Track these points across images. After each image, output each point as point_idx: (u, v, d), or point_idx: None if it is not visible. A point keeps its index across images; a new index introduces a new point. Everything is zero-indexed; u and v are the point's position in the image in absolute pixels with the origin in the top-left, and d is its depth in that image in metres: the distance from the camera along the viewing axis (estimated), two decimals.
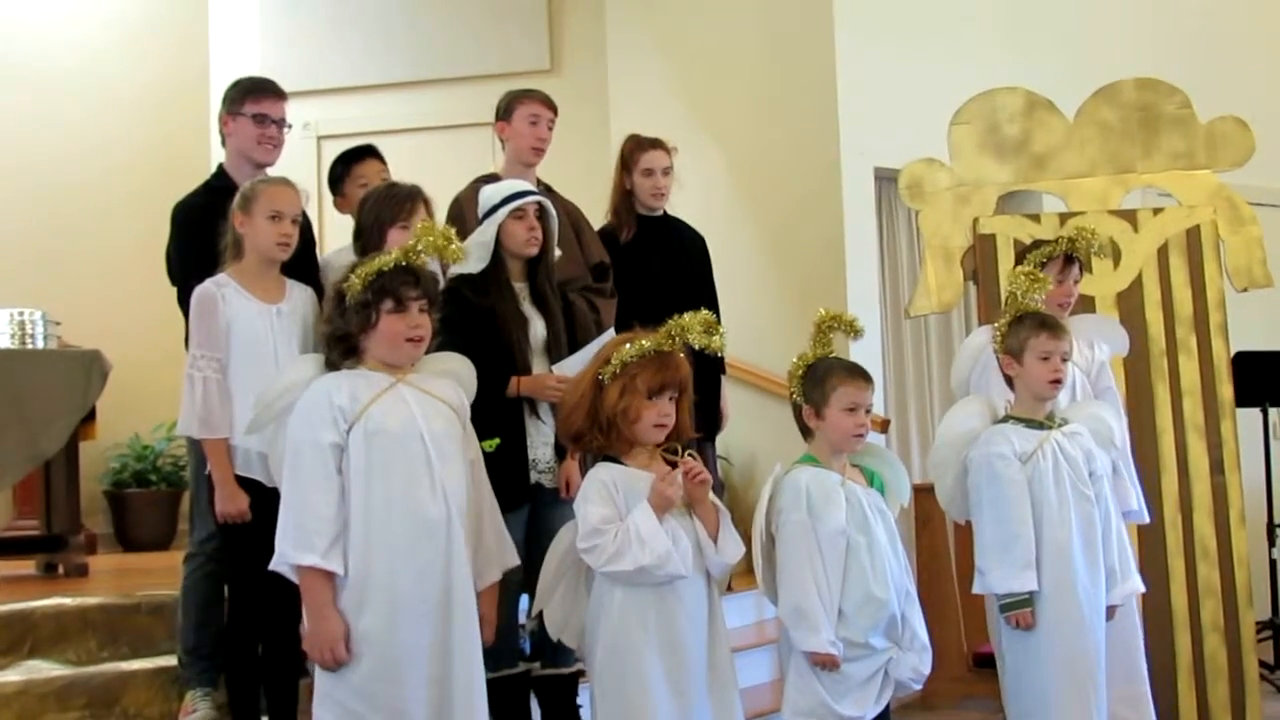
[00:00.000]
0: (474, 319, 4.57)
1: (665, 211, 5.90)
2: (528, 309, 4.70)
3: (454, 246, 3.71)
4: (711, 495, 3.82)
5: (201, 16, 9.09)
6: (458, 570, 3.58)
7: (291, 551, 3.48)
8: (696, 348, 3.79)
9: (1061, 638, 4.35)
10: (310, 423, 3.55)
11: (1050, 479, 4.40)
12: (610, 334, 4.65)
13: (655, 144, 5.79)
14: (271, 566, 3.54)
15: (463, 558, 3.61)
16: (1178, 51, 8.00)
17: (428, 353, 3.77)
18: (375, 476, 3.52)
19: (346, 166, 5.37)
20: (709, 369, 5.42)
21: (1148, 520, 5.13)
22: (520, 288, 4.71)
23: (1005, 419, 4.53)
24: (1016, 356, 4.50)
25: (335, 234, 5.24)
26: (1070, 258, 5.12)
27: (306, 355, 3.91)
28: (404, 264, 3.63)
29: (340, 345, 3.66)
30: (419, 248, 3.64)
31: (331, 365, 3.68)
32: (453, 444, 3.67)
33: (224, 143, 4.89)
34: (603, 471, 3.74)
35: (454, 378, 3.84)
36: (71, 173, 8.91)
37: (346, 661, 3.47)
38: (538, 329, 4.69)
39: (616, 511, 3.67)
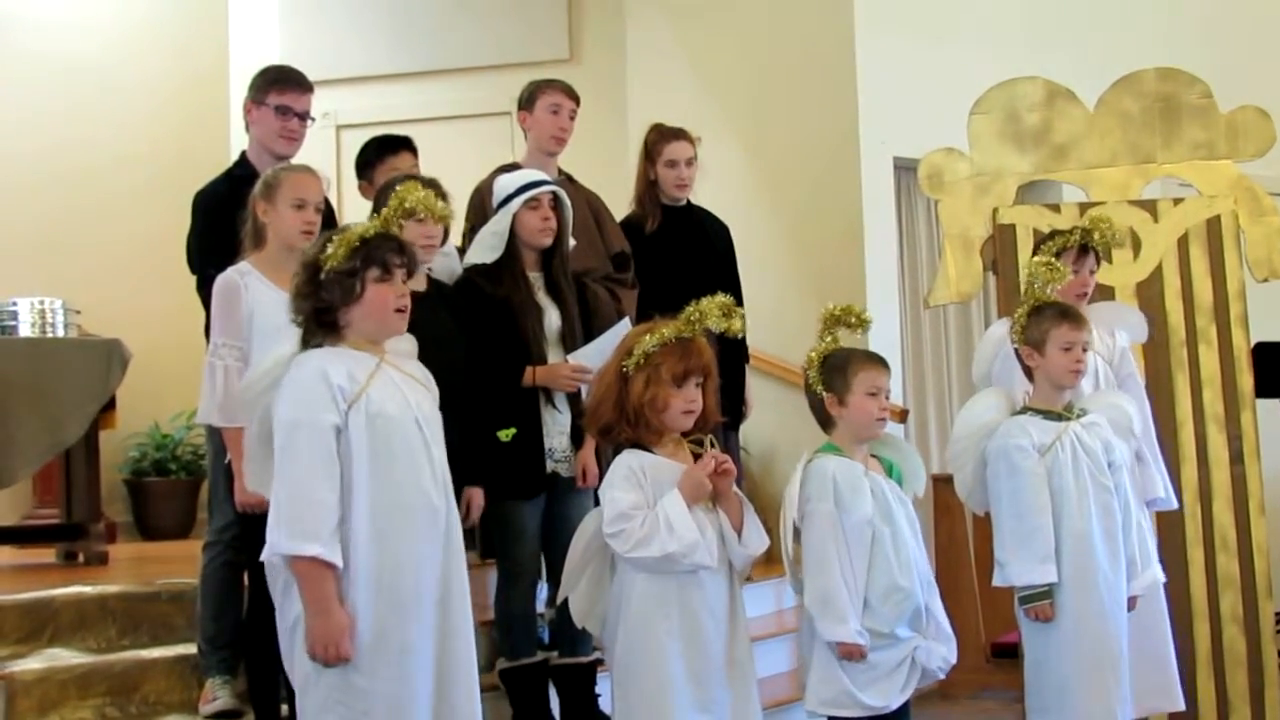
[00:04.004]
0: (488, 309, 4.58)
1: (689, 201, 5.89)
2: (542, 299, 4.71)
3: (443, 205, 3.67)
4: (734, 487, 3.83)
5: (221, 5, 9.10)
6: (455, 559, 3.48)
7: (288, 542, 3.26)
8: (716, 331, 3.80)
9: (1083, 628, 4.34)
10: (306, 402, 3.33)
11: (1069, 470, 4.39)
12: (626, 323, 4.66)
13: (678, 134, 5.74)
14: (264, 558, 3.35)
15: (457, 547, 3.51)
16: (1199, 41, 7.97)
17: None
18: (379, 462, 3.35)
19: (380, 155, 5.37)
20: (733, 358, 5.42)
21: (1175, 506, 5.12)
22: (535, 278, 4.72)
23: (1023, 410, 4.53)
24: (1038, 347, 4.48)
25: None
26: (1085, 248, 5.10)
27: (291, 331, 3.56)
28: (385, 232, 3.46)
29: (319, 322, 3.44)
30: (409, 203, 3.48)
31: (311, 344, 3.46)
32: (439, 427, 3.53)
33: (248, 129, 4.89)
34: (631, 458, 3.73)
35: (414, 359, 3.65)
36: (91, 161, 8.91)
37: (349, 659, 3.29)
38: (552, 319, 4.70)
39: (644, 498, 3.67)
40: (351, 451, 3.34)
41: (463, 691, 3.46)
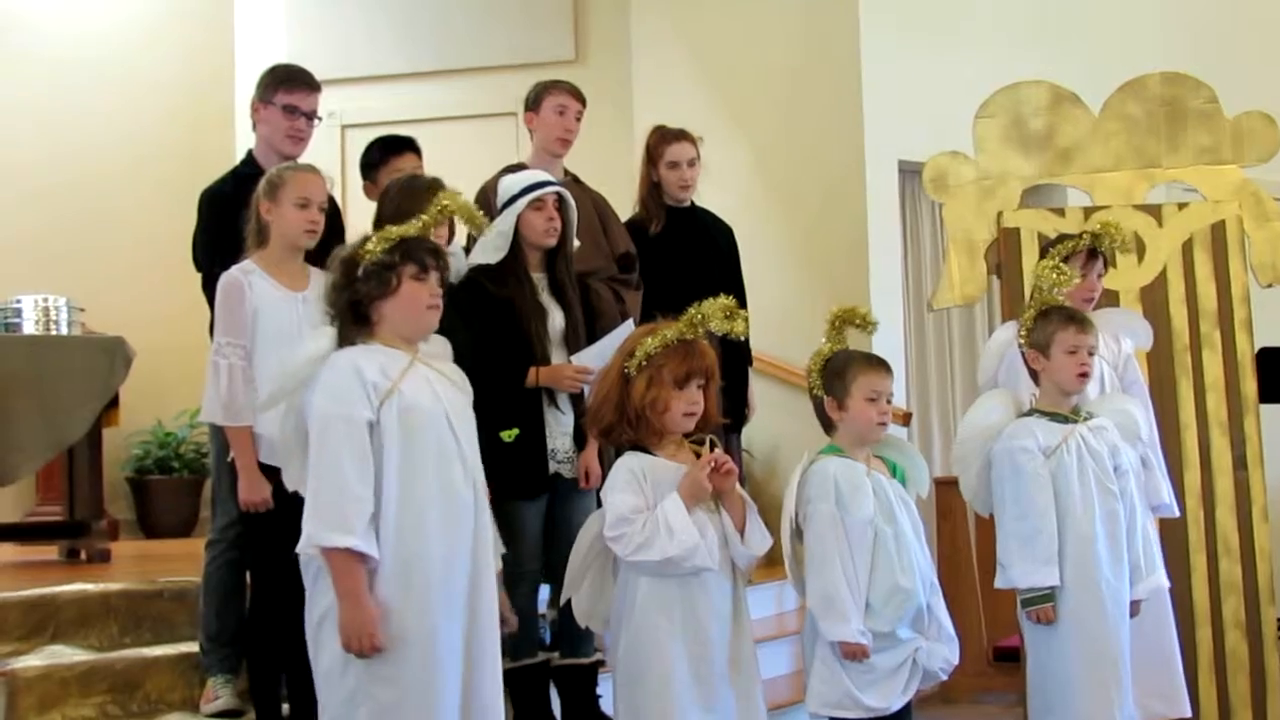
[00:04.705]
0: (492, 309, 4.58)
1: (693, 202, 5.89)
2: (546, 299, 4.71)
3: (479, 215, 3.73)
4: (737, 487, 3.83)
5: (228, 6, 9.11)
6: (483, 555, 3.53)
7: (324, 533, 3.32)
8: (719, 333, 3.80)
9: (1084, 632, 4.34)
10: (340, 398, 3.40)
11: (1074, 473, 4.38)
12: (630, 324, 4.65)
13: (680, 136, 5.74)
14: (300, 549, 3.40)
15: (488, 542, 3.56)
16: (1205, 46, 7.97)
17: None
18: (411, 456, 3.42)
19: (384, 156, 5.36)
20: (735, 360, 5.42)
21: (1177, 514, 5.11)
22: (539, 278, 4.71)
23: (1030, 412, 4.52)
24: (1043, 350, 4.48)
25: (359, 222, 5.24)
26: (1094, 252, 5.10)
27: (324, 328, 3.68)
28: (425, 234, 3.59)
29: (353, 314, 3.53)
30: (447, 209, 3.62)
31: (345, 340, 3.54)
32: (471, 425, 3.61)
33: (254, 128, 4.89)
34: (631, 460, 3.74)
35: (448, 359, 3.74)
36: (96, 161, 8.94)
37: (382, 649, 3.34)
38: (556, 319, 4.70)
39: (645, 501, 3.68)
40: (384, 446, 3.41)
41: (489, 685, 3.52)
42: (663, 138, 5.75)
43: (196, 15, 9.32)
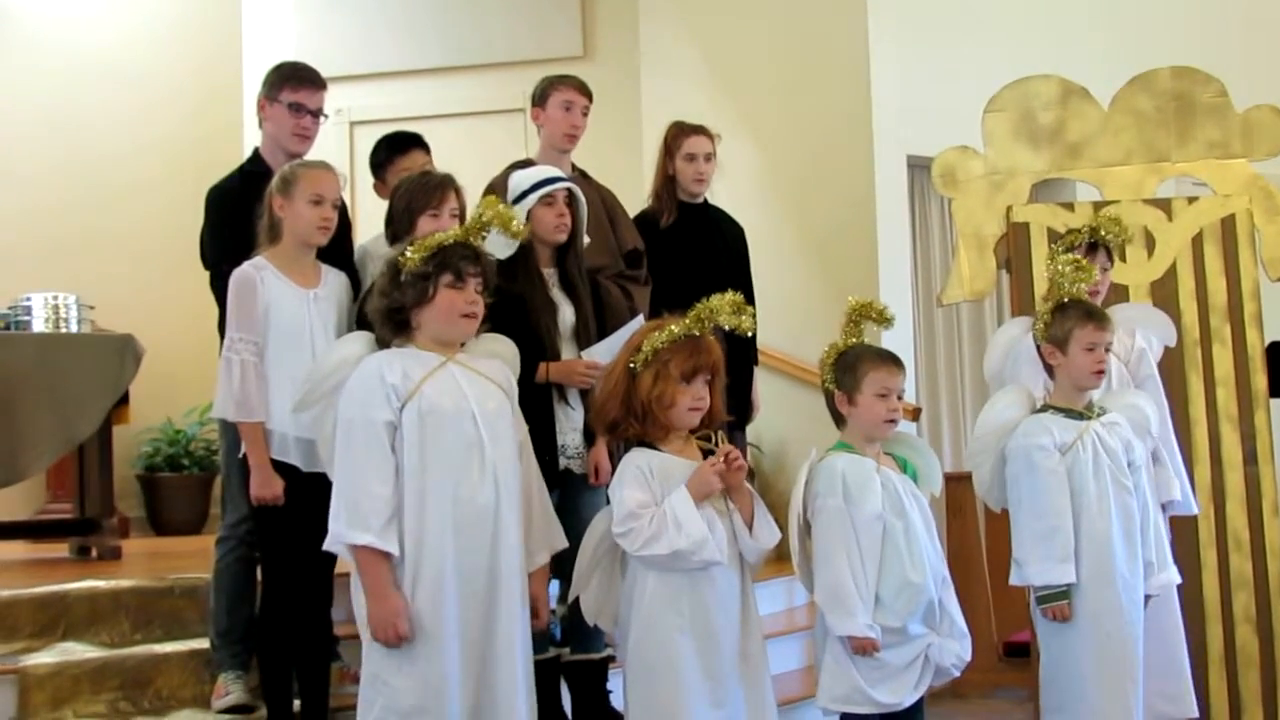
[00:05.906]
0: (502, 305, 4.57)
1: (706, 200, 5.89)
2: (556, 295, 4.70)
3: (519, 224, 3.80)
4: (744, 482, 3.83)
5: (236, 4, 9.11)
6: (504, 556, 3.60)
7: (346, 530, 3.50)
8: (726, 329, 3.80)
9: (1101, 629, 4.33)
10: (362, 401, 3.57)
11: (1089, 470, 4.37)
12: (639, 320, 4.65)
13: (698, 130, 5.77)
14: (326, 546, 3.57)
15: (510, 543, 3.62)
16: (1214, 39, 7.96)
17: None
18: (429, 456, 3.55)
19: (390, 155, 5.35)
20: (741, 359, 5.41)
21: (1195, 511, 5.09)
22: (549, 274, 4.71)
23: (1044, 409, 4.51)
24: (1060, 346, 4.46)
25: (368, 219, 5.24)
26: (1094, 245, 5.09)
27: (357, 332, 3.89)
28: (464, 242, 3.68)
29: (392, 320, 3.67)
30: (485, 218, 3.69)
31: (382, 343, 3.70)
32: (504, 425, 3.70)
33: (261, 126, 4.89)
34: (638, 457, 3.75)
35: (499, 360, 3.85)
36: (105, 158, 8.96)
37: (409, 638, 3.49)
38: (566, 315, 4.70)
39: (652, 496, 3.68)
40: (404, 446, 3.56)
41: (504, 681, 3.58)
42: (681, 130, 5.78)
43: (204, 12, 9.33)
